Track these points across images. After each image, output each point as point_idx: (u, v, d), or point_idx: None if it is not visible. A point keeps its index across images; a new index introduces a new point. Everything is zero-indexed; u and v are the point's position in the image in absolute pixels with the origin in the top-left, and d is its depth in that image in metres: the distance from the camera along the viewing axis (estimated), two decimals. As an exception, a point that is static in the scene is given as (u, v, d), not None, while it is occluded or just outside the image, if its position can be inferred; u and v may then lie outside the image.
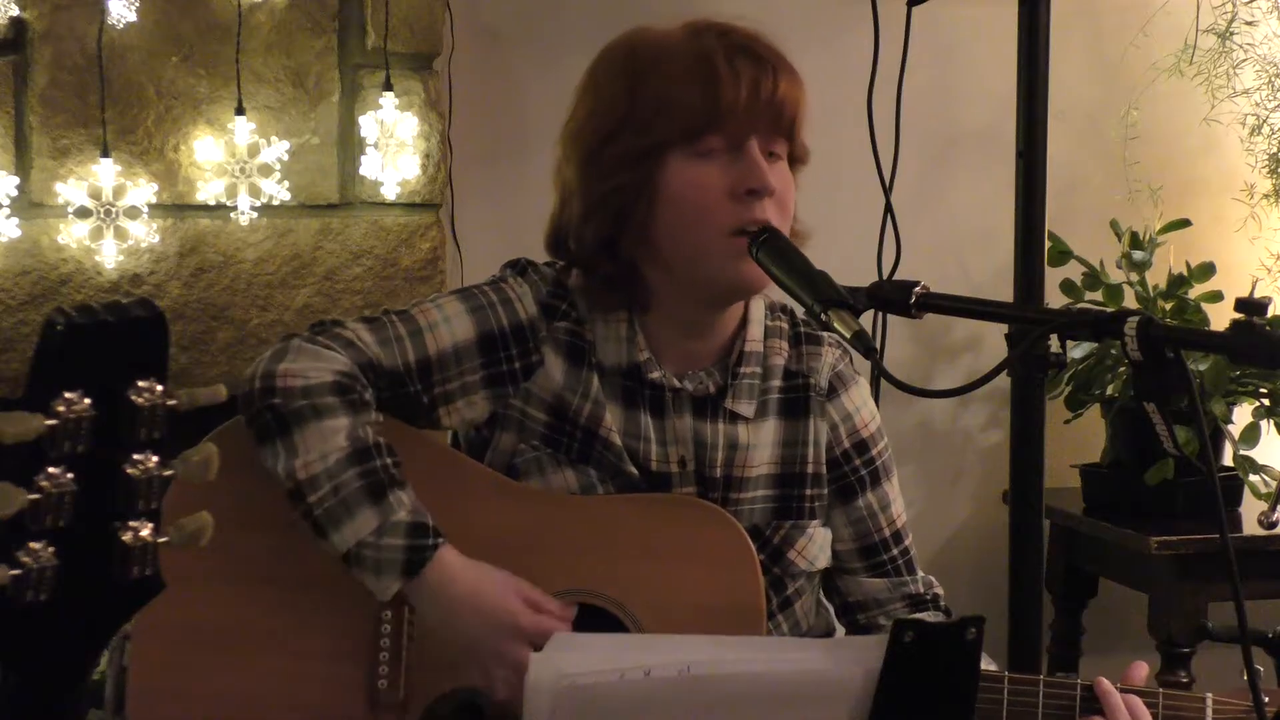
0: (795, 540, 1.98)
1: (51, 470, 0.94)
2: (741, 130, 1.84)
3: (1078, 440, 3.56)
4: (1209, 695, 1.77)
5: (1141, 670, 1.81)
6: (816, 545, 2.00)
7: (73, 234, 2.97)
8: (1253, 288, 3.58)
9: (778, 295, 1.98)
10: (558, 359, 1.92)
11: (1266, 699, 1.63)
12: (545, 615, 1.81)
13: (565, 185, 1.93)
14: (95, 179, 2.97)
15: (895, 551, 2.04)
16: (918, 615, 2.02)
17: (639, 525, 1.90)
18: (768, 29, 1.91)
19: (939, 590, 2.07)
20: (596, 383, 1.92)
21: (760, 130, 1.85)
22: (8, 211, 2.93)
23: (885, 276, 3.00)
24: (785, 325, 2.02)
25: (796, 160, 1.93)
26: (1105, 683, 1.74)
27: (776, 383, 1.99)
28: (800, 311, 1.95)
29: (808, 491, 1.99)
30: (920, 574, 2.07)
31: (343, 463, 1.79)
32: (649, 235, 1.88)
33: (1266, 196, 3.72)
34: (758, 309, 1.99)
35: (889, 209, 2.92)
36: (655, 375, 1.93)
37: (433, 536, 1.80)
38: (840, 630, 2.09)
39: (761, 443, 1.97)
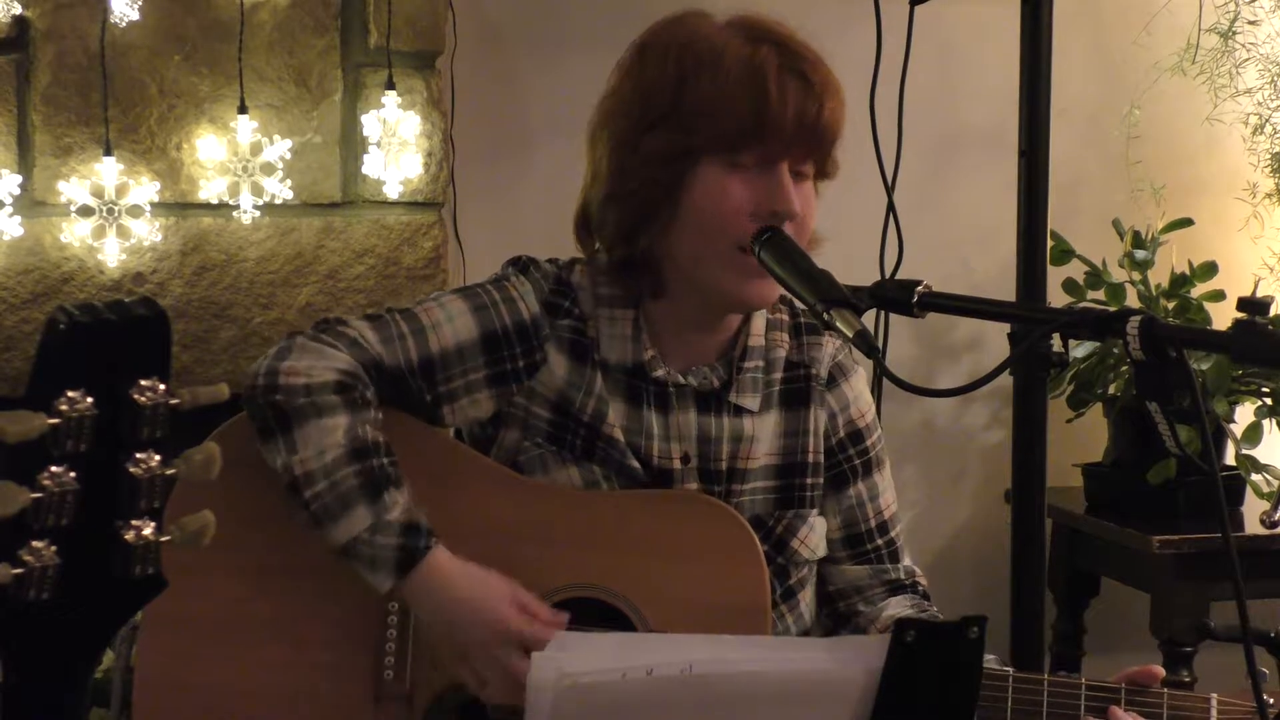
0: (798, 529, 1.98)
1: (54, 469, 0.94)
2: (777, 151, 1.84)
3: (1080, 439, 3.56)
4: (1214, 696, 1.77)
5: (1156, 673, 1.79)
6: (817, 534, 2.01)
7: (75, 232, 2.97)
8: (1255, 287, 3.58)
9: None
10: (561, 356, 1.93)
11: (1271, 700, 1.63)
12: (538, 622, 1.80)
13: (596, 161, 1.94)
14: (98, 177, 2.97)
15: (880, 541, 2.05)
16: (910, 613, 2.02)
17: (645, 521, 1.90)
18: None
19: (921, 579, 2.07)
20: (600, 380, 1.93)
21: (795, 153, 1.85)
22: (10, 210, 2.93)
23: (887, 275, 2.99)
24: (785, 317, 2.03)
25: (823, 175, 1.93)
26: (1118, 711, 1.74)
27: (778, 374, 2.00)
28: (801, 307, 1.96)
29: (808, 480, 2.00)
30: (904, 563, 2.06)
31: (340, 460, 1.79)
32: (668, 233, 1.88)
33: (1269, 196, 3.72)
34: None
35: (891, 208, 2.92)
36: (660, 373, 1.93)
37: (426, 537, 1.80)
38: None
39: (764, 434, 1.98)
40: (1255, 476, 3.38)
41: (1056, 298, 3.17)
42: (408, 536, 1.79)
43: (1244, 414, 3.43)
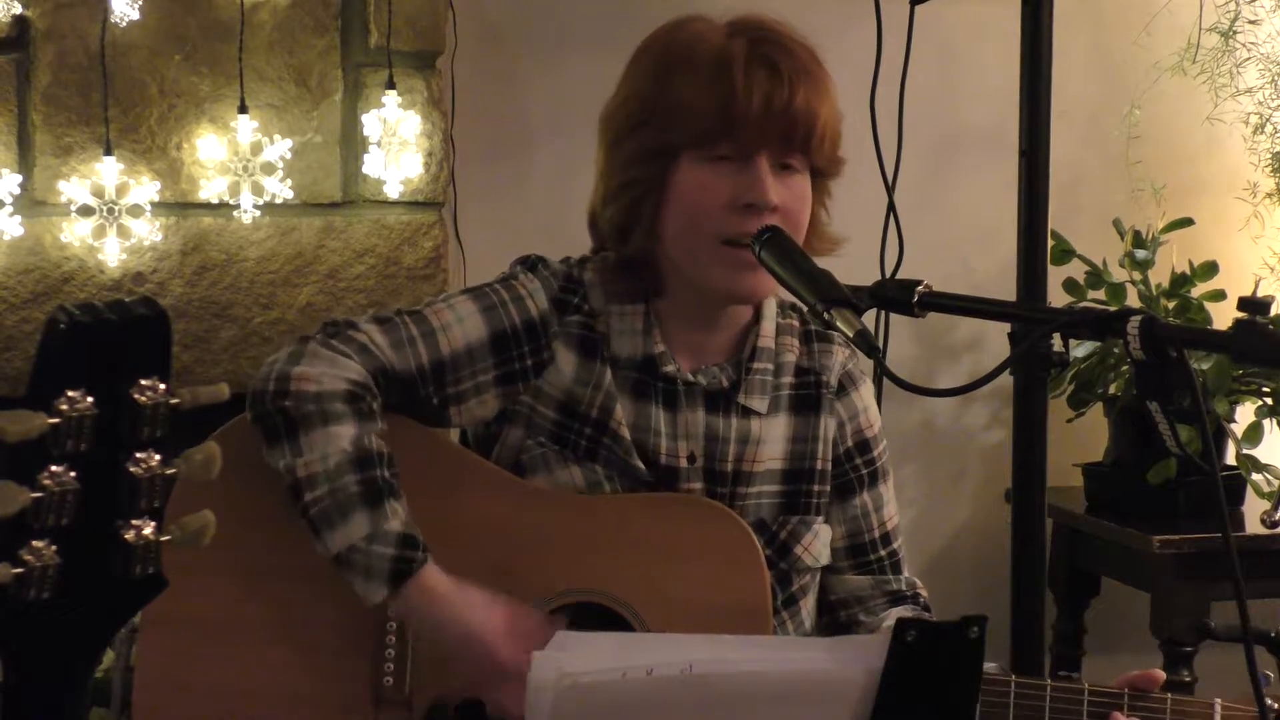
0: (802, 536, 1.98)
1: (54, 468, 0.94)
2: (751, 142, 1.84)
3: (1080, 439, 3.56)
4: (1217, 701, 1.76)
5: (1157, 677, 1.79)
6: (821, 541, 2.00)
7: (75, 232, 2.97)
8: (1255, 287, 3.58)
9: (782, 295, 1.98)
10: (569, 353, 1.93)
11: (1274, 704, 1.63)
12: (527, 640, 1.79)
13: (597, 165, 1.96)
14: (98, 177, 2.97)
15: (883, 551, 2.05)
16: (913, 615, 2.02)
17: (646, 524, 1.90)
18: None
19: (922, 591, 2.07)
20: (609, 375, 1.93)
21: (771, 143, 1.85)
22: (11, 209, 2.93)
23: (888, 275, 2.99)
24: (796, 323, 2.03)
25: (821, 173, 1.92)
26: (1119, 718, 1.74)
27: (788, 379, 2.00)
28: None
29: (815, 488, 2.00)
30: (905, 575, 2.07)
31: (343, 467, 1.79)
32: (658, 231, 1.89)
33: (1269, 195, 3.71)
34: (769, 306, 1.99)
35: (891, 208, 2.92)
36: (669, 369, 1.93)
37: (421, 550, 1.80)
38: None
39: (772, 438, 1.98)
40: (1256, 476, 3.38)
41: (1057, 297, 3.17)
42: (404, 548, 1.80)
43: (1244, 414, 3.43)
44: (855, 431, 2.03)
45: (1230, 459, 3.40)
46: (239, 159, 3.03)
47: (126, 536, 0.98)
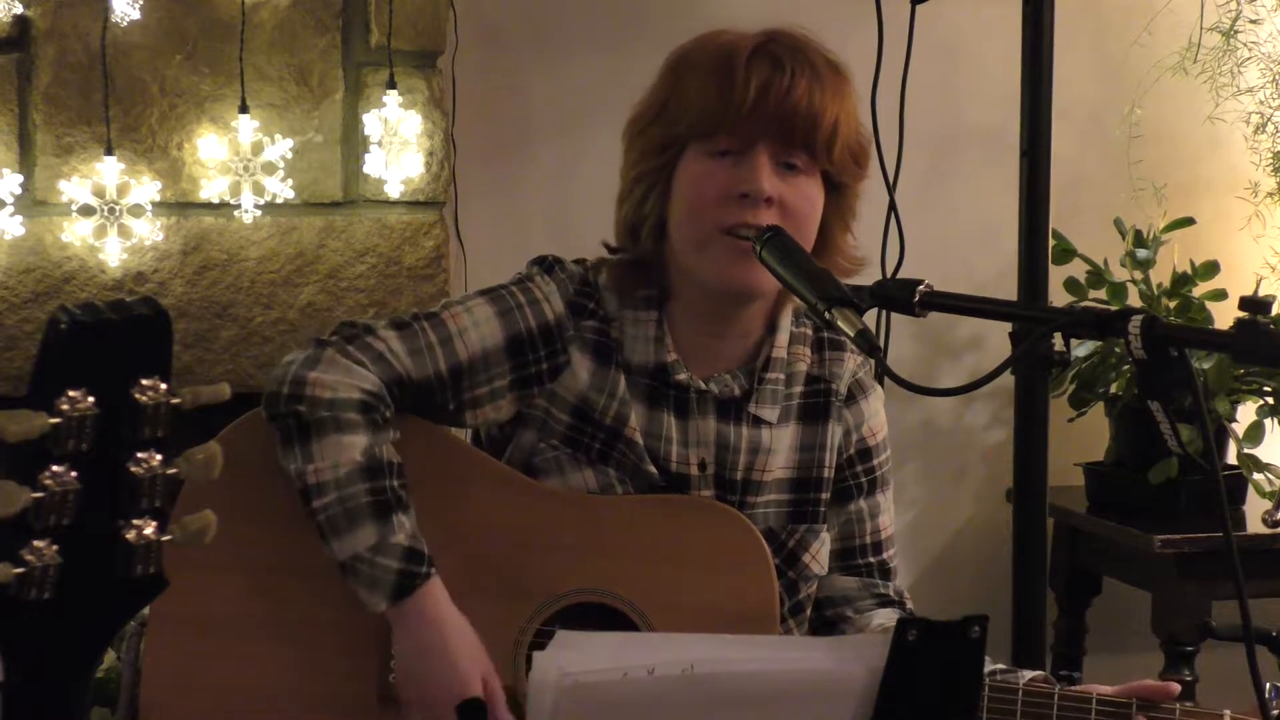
0: (810, 544, 1.98)
1: (55, 468, 0.94)
2: (748, 132, 1.84)
3: (1081, 439, 3.56)
4: (1226, 712, 1.76)
5: (1171, 690, 1.78)
6: (828, 549, 2.00)
7: (76, 232, 2.97)
8: (1256, 286, 3.58)
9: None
10: (584, 358, 1.93)
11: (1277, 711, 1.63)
12: (493, 702, 1.82)
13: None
14: (99, 177, 2.97)
15: (872, 559, 2.04)
16: (911, 615, 2.01)
17: (655, 526, 1.90)
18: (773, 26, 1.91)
19: (909, 602, 2.06)
20: (622, 382, 1.92)
21: (770, 136, 1.84)
22: (12, 209, 2.93)
23: (889, 275, 2.99)
24: (809, 331, 2.02)
25: (835, 182, 1.91)
26: None
27: (799, 388, 1.99)
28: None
29: (822, 496, 2.00)
30: (894, 584, 2.06)
31: (353, 476, 1.80)
32: (664, 225, 1.90)
33: (1270, 195, 3.71)
34: (784, 316, 1.99)
35: (892, 207, 2.92)
36: (682, 377, 1.93)
37: (426, 566, 1.81)
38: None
39: (782, 447, 1.97)
40: (1257, 476, 3.38)
41: (1058, 297, 3.17)
42: (409, 562, 1.80)
43: (1245, 413, 3.43)
44: (859, 439, 2.03)
45: (1231, 458, 3.40)
46: (240, 159, 3.03)
47: (127, 536, 0.98)
